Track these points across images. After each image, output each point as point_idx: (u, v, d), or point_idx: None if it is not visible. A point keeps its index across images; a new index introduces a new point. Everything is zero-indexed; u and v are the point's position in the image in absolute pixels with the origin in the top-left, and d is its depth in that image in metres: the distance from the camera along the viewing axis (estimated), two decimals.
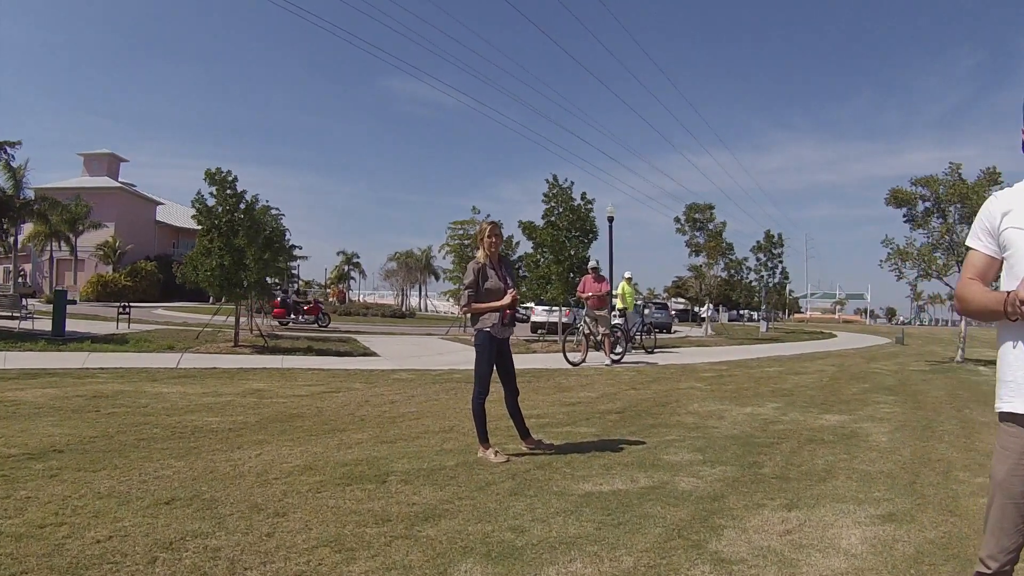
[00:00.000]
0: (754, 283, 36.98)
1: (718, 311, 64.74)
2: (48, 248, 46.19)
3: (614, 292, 17.22)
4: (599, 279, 13.88)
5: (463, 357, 14.82)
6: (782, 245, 34.00)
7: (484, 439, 5.37)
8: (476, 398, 5.39)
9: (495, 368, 5.46)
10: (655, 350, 18.02)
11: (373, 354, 15.30)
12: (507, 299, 5.39)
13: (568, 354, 13.37)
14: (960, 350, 17.47)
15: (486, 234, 5.52)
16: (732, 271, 36.30)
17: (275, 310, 27.94)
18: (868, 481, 4.74)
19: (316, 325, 28.36)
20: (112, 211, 52.04)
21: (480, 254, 5.52)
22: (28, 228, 43.81)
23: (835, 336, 34.33)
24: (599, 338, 13.80)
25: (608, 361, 13.57)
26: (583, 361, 13.38)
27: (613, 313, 16.51)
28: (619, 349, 14.49)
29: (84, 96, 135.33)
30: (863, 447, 6.00)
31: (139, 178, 73.56)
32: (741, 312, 67.46)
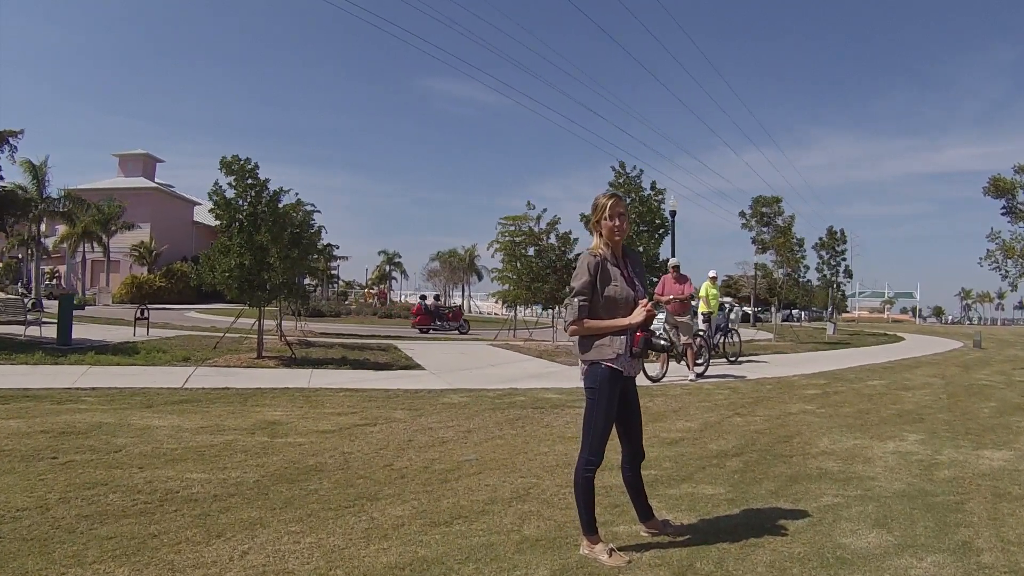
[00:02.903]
0: (815, 282, 34.56)
1: (771, 311, 62.49)
2: (80, 249, 45.39)
3: (698, 294, 15.23)
4: (680, 279, 11.88)
5: (520, 370, 12.95)
6: (845, 242, 31.55)
7: (591, 528, 3.51)
8: (583, 467, 3.51)
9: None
10: (739, 358, 16.08)
11: (417, 366, 13.36)
12: (639, 314, 3.51)
13: (646, 367, 11.31)
14: None
15: (607, 212, 3.58)
16: (791, 269, 34.06)
17: (417, 317, 27.24)
18: None
19: (458, 332, 27.39)
20: (147, 211, 52.00)
21: (596, 243, 3.64)
22: (62, 230, 43.33)
23: (903, 339, 31.89)
24: (681, 348, 11.76)
25: (692, 376, 11.60)
26: (663, 375, 11.41)
27: (695, 319, 14.51)
28: (701, 360, 12.50)
29: (118, 97, 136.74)
30: None
31: (177, 180, 73.86)
32: (792, 312, 65.11)
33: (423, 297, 28.37)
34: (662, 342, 3.62)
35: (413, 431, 6.63)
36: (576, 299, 3.49)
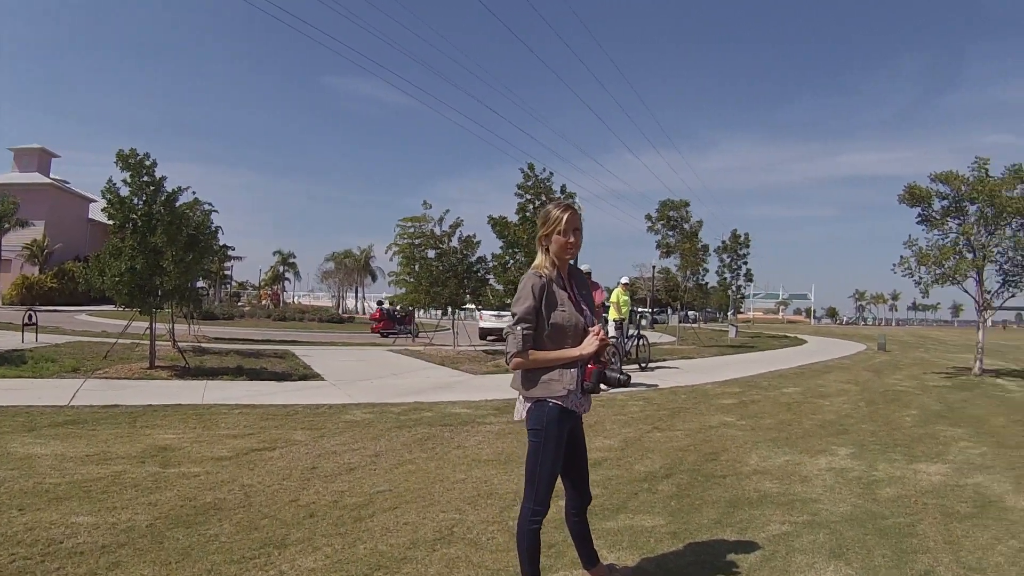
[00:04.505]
0: (713, 285, 35.49)
1: (668, 313, 64.07)
2: None
3: (608, 301, 15.36)
4: (592, 287, 11.92)
5: (423, 380, 12.79)
6: (748, 245, 32.54)
7: None
8: (528, 519, 3.11)
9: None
10: (650, 364, 16.38)
11: (315, 376, 12.98)
12: (591, 344, 3.10)
13: None
14: (978, 361, 16.69)
15: (561, 225, 3.12)
16: (693, 273, 34.88)
17: (380, 323, 27.68)
18: None
19: (410, 335, 28.11)
20: (41, 208, 49.77)
21: (542, 260, 3.18)
22: None
23: (805, 342, 33.37)
24: None
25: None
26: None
27: (606, 327, 14.62)
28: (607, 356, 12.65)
29: (15, 90, 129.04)
30: (1018, 522, 4.90)
31: (75, 176, 70.56)
32: (689, 314, 67.06)
33: (380, 303, 28.70)
34: (618, 375, 3.18)
35: (316, 456, 6.38)
36: (519, 327, 3.03)
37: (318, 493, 5.15)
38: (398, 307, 25.60)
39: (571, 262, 3.30)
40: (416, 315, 30.14)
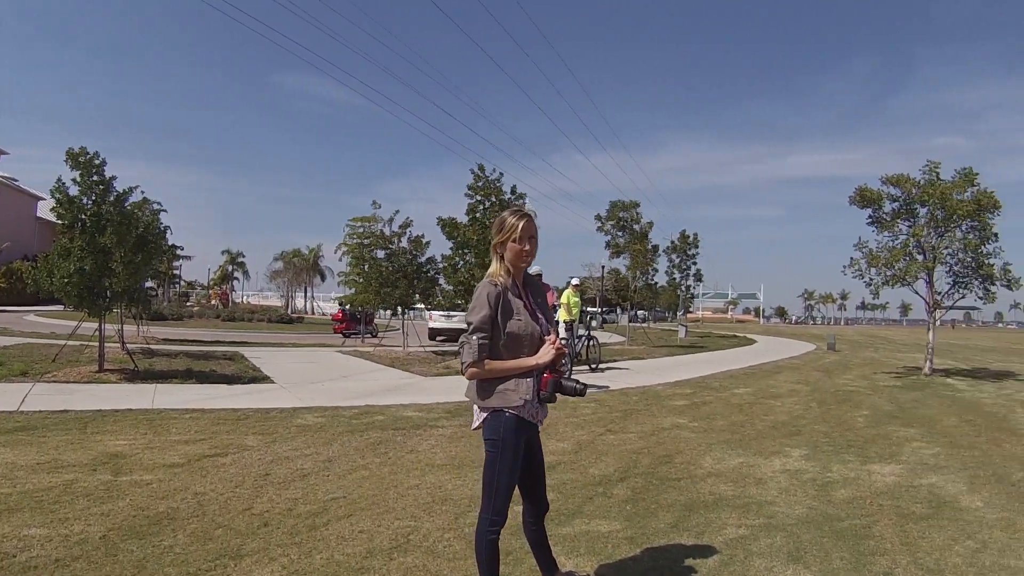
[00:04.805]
0: (663, 285, 36.02)
1: (617, 312, 64.66)
2: None
3: (558, 302, 15.55)
4: (543, 287, 12.09)
5: (374, 383, 12.87)
6: (697, 246, 33.11)
7: None
8: (487, 529, 3.11)
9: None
10: (600, 365, 16.60)
11: (265, 379, 12.95)
12: (548, 353, 3.10)
13: None
14: (929, 361, 17.20)
15: (517, 233, 3.12)
16: (643, 273, 35.32)
17: (342, 323, 28.12)
18: None
19: (371, 335, 29.28)
20: None
21: (496, 268, 3.19)
22: None
23: (755, 341, 34.04)
24: None
25: None
26: None
27: (557, 328, 14.83)
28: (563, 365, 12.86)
29: None
30: (973, 522, 5.05)
31: (24, 173, 69.08)
32: (638, 313, 67.77)
33: (342, 304, 29.13)
34: (574, 385, 3.17)
35: (269, 462, 6.43)
36: (475, 337, 3.02)
37: (272, 501, 5.19)
38: (360, 308, 25.82)
39: (526, 269, 3.30)
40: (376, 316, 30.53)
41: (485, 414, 3.13)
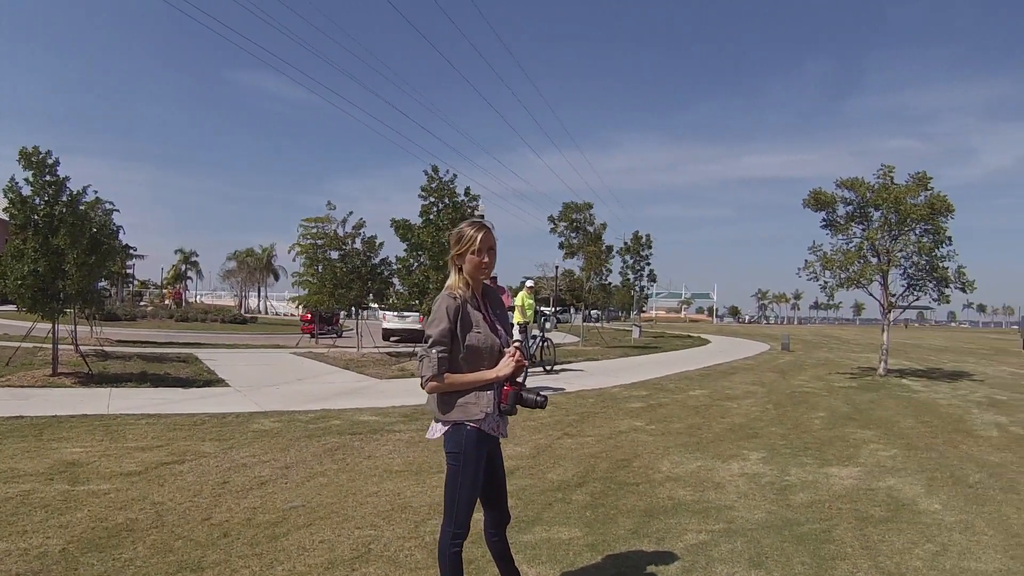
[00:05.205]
0: (617, 285, 36.35)
1: (571, 313, 65.14)
2: None
3: (513, 302, 15.67)
4: (498, 291, 12.21)
5: (329, 386, 12.95)
6: (651, 247, 33.56)
7: None
8: (449, 542, 3.11)
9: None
10: (555, 367, 16.79)
11: (220, 382, 12.94)
12: (508, 366, 3.10)
13: None
14: (883, 362, 17.54)
15: (476, 245, 3.10)
16: (596, 274, 35.66)
17: (309, 324, 29.21)
18: None
19: (336, 335, 29.67)
20: None
21: (455, 280, 3.16)
22: None
23: (709, 342, 34.50)
24: None
25: None
26: None
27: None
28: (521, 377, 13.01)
29: None
30: (932, 525, 5.17)
31: None
32: (591, 313, 68.33)
33: (305, 305, 29.63)
34: (535, 397, 3.18)
35: (227, 469, 6.49)
36: (434, 350, 2.99)
37: (231, 510, 5.23)
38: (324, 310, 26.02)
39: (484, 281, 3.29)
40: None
41: (446, 427, 3.13)
